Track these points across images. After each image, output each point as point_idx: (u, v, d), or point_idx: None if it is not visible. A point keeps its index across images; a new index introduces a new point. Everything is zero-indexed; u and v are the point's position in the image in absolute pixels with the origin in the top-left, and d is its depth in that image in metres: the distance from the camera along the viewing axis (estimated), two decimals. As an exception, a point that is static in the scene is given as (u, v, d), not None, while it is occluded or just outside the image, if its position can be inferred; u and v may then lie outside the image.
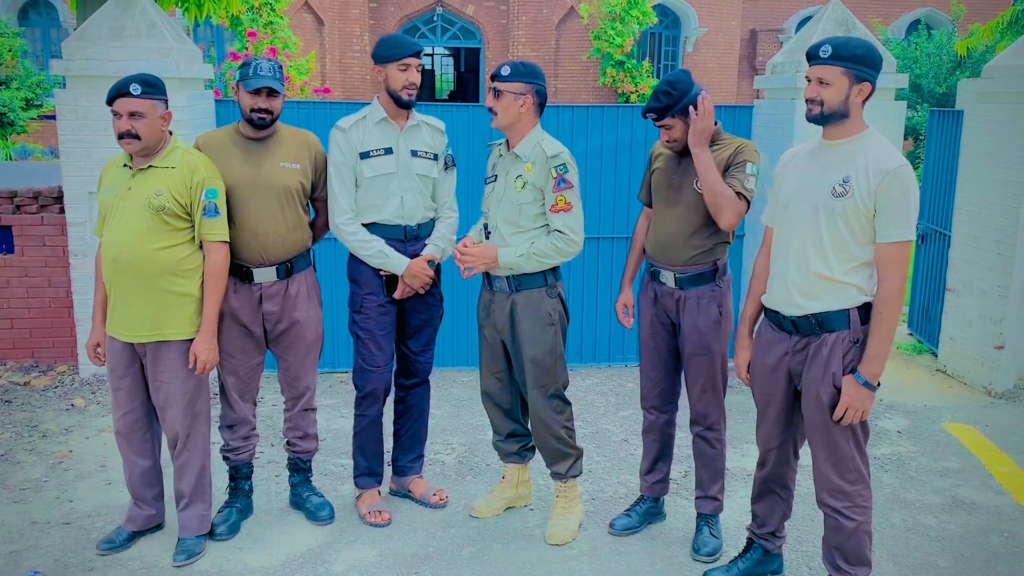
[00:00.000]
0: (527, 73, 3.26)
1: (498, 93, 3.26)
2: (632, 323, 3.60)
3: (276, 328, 3.44)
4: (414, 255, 3.48)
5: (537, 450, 3.58)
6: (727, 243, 3.32)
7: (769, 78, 5.51)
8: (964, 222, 5.57)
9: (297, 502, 3.72)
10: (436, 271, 3.58)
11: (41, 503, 3.75)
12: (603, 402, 5.11)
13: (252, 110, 3.26)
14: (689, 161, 3.24)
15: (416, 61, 3.42)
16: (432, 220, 3.58)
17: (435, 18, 18.59)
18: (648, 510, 3.63)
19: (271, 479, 4.00)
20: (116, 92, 3.05)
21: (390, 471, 3.88)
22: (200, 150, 3.31)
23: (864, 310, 2.72)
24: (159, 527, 3.49)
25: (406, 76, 3.39)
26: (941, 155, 6.15)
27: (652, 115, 3.19)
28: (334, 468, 4.14)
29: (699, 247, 3.25)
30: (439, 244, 3.55)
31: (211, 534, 3.44)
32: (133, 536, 3.40)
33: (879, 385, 2.70)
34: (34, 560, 3.30)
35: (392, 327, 3.56)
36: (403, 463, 3.81)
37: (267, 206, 3.32)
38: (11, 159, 12.57)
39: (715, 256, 3.28)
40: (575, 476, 3.54)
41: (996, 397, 5.28)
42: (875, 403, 2.75)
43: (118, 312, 3.17)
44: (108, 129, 3.36)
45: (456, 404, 5.04)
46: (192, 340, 3.20)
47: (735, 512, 3.72)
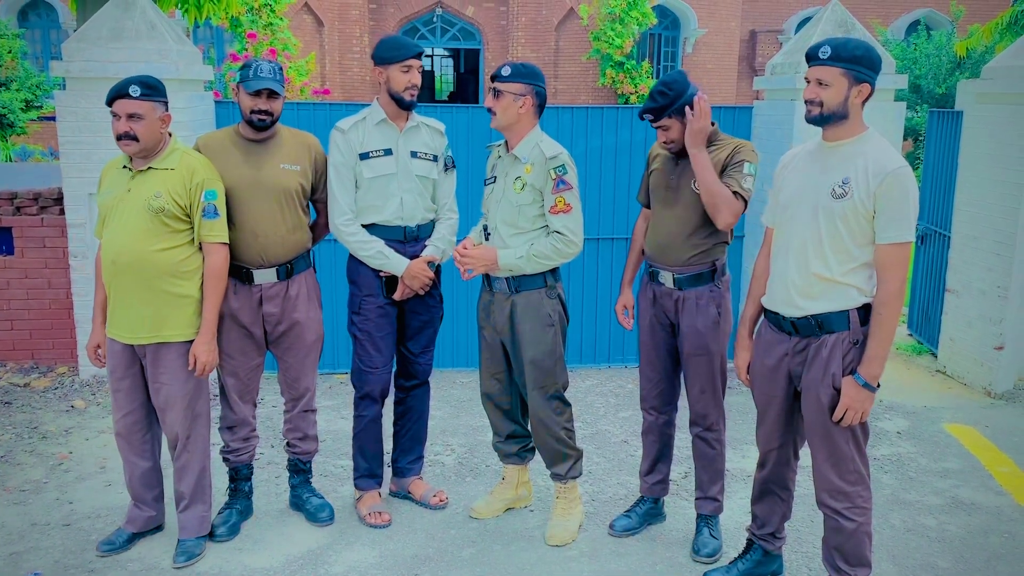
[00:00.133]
0: (527, 74, 3.27)
1: (498, 94, 3.26)
2: (632, 324, 3.60)
3: (276, 329, 3.44)
4: (414, 256, 3.48)
5: (537, 451, 3.59)
6: (726, 243, 3.32)
7: (768, 79, 5.51)
8: (964, 223, 5.57)
9: (297, 503, 3.72)
10: (436, 272, 3.58)
11: (41, 504, 3.75)
12: (603, 403, 5.11)
13: (252, 111, 3.26)
14: (687, 162, 3.24)
15: (418, 63, 3.42)
16: (432, 221, 3.58)
17: (435, 19, 18.61)
18: (648, 511, 3.63)
19: (271, 480, 4.00)
20: (115, 94, 3.05)
21: (390, 472, 3.88)
22: (200, 151, 3.32)
23: (864, 311, 2.72)
24: (159, 528, 3.49)
25: (408, 78, 3.39)
26: (940, 156, 6.15)
27: (649, 116, 3.19)
28: (334, 469, 4.14)
29: (697, 247, 3.25)
30: (439, 245, 3.55)
31: (211, 535, 3.44)
32: (133, 537, 3.41)
33: (879, 386, 2.70)
34: (34, 561, 3.30)
35: (391, 329, 3.56)
36: (403, 464, 3.81)
37: (267, 207, 3.32)
38: (11, 160, 12.57)
39: (714, 256, 3.28)
40: (575, 477, 3.54)
41: (996, 398, 5.28)
42: (875, 404, 2.75)
43: (118, 314, 3.17)
44: (108, 131, 3.36)
45: (456, 405, 5.04)
46: (192, 341, 3.20)
47: (735, 513, 3.72)
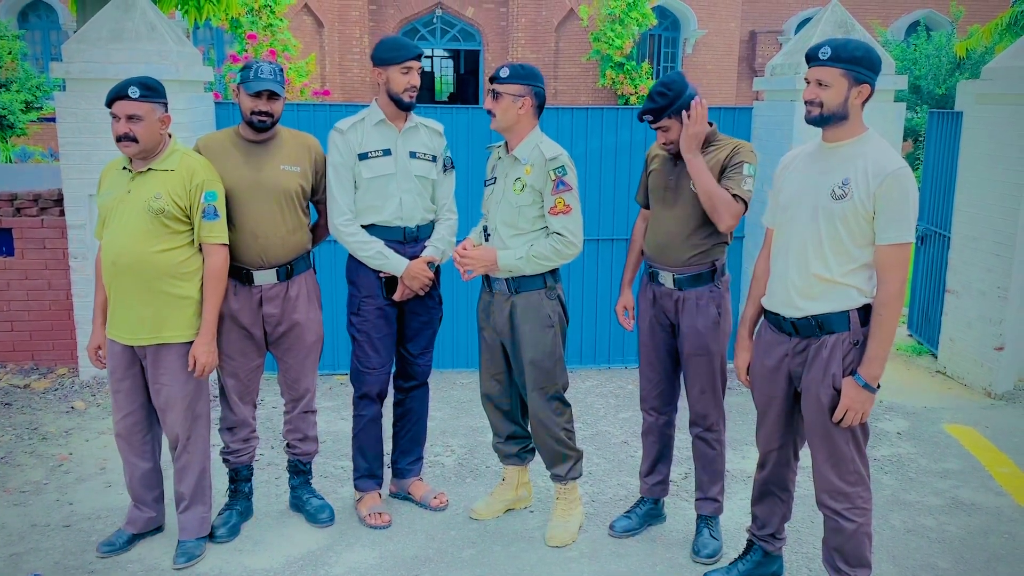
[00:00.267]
0: (526, 75, 3.27)
1: (497, 95, 3.26)
2: (632, 325, 3.60)
3: (276, 330, 3.44)
4: (413, 257, 3.48)
5: (537, 452, 3.58)
6: (725, 244, 3.32)
7: (768, 80, 5.51)
8: (963, 223, 5.57)
9: (297, 504, 3.72)
10: (435, 273, 3.58)
11: (41, 506, 3.75)
12: (603, 404, 5.11)
13: (253, 113, 3.26)
14: (685, 162, 3.24)
15: (417, 64, 3.42)
16: (431, 222, 3.58)
17: (435, 20, 18.61)
18: (648, 512, 3.63)
19: (271, 481, 4.00)
20: (115, 95, 3.05)
21: (390, 474, 3.88)
22: (200, 152, 3.32)
23: (864, 312, 2.72)
24: (159, 529, 3.49)
25: (407, 79, 3.39)
26: (940, 156, 6.15)
27: (648, 117, 3.18)
28: (334, 470, 4.13)
29: (697, 248, 3.25)
30: (438, 246, 3.55)
31: (211, 536, 3.44)
32: (133, 539, 3.41)
33: (879, 387, 2.70)
34: (34, 563, 3.30)
35: (390, 330, 3.56)
36: (402, 465, 3.81)
37: (267, 208, 3.32)
38: (11, 162, 12.57)
39: (713, 257, 3.28)
40: (575, 478, 3.54)
41: (996, 398, 5.28)
42: (875, 404, 2.75)
43: (118, 315, 3.17)
44: (108, 132, 3.36)
45: (456, 406, 5.04)
46: (192, 343, 3.20)
47: (735, 514, 3.72)
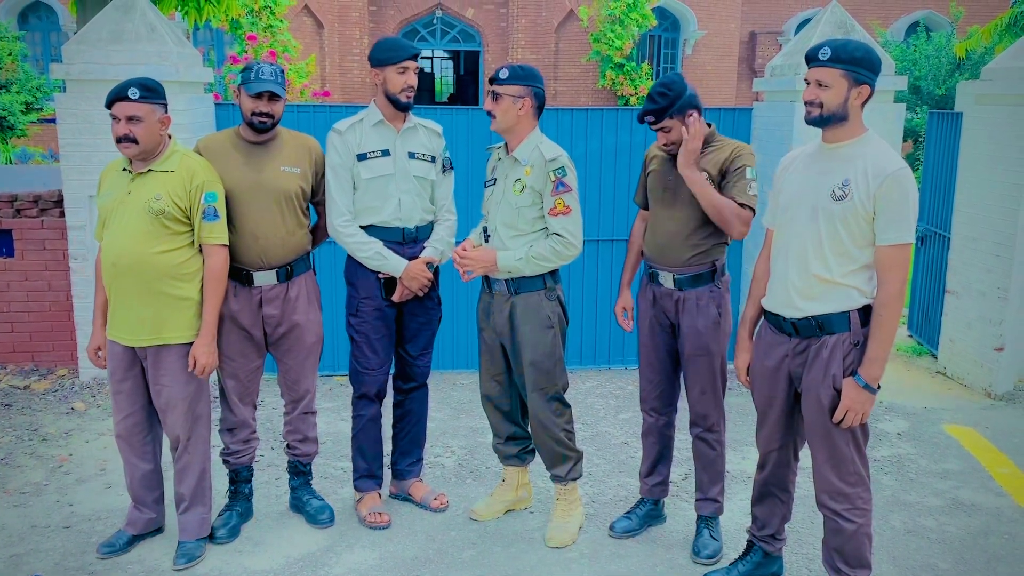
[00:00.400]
0: (525, 76, 3.27)
1: (496, 96, 3.26)
2: (631, 326, 3.60)
3: (276, 331, 3.44)
4: (412, 258, 3.48)
5: (537, 453, 3.58)
6: (725, 244, 3.32)
7: (768, 80, 5.51)
8: (963, 224, 5.57)
9: (297, 505, 3.72)
10: (434, 274, 3.58)
11: (41, 507, 3.75)
12: (603, 405, 5.11)
13: (253, 114, 3.26)
14: None
15: (414, 64, 3.42)
16: (430, 223, 3.58)
17: (435, 21, 18.62)
18: (648, 512, 3.63)
19: (271, 482, 4.00)
20: (115, 96, 3.05)
21: (390, 475, 3.88)
22: (201, 153, 3.32)
23: (864, 312, 2.72)
24: (159, 531, 3.49)
25: (404, 79, 3.39)
26: (940, 157, 6.16)
27: (650, 118, 3.18)
28: (334, 471, 4.13)
29: (697, 248, 3.25)
30: (437, 247, 3.55)
31: (211, 537, 3.44)
32: (133, 540, 3.41)
33: (879, 387, 2.70)
34: (35, 564, 3.30)
35: (389, 331, 3.56)
36: (402, 467, 3.81)
37: (267, 210, 3.33)
38: (11, 163, 12.57)
39: (713, 257, 3.28)
40: (575, 479, 3.54)
41: (996, 399, 5.28)
42: (875, 405, 2.75)
43: (118, 316, 3.17)
44: (108, 133, 3.36)
45: (456, 407, 5.04)
46: (192, 343, 3.20)
47: (735, 514, 3.72)
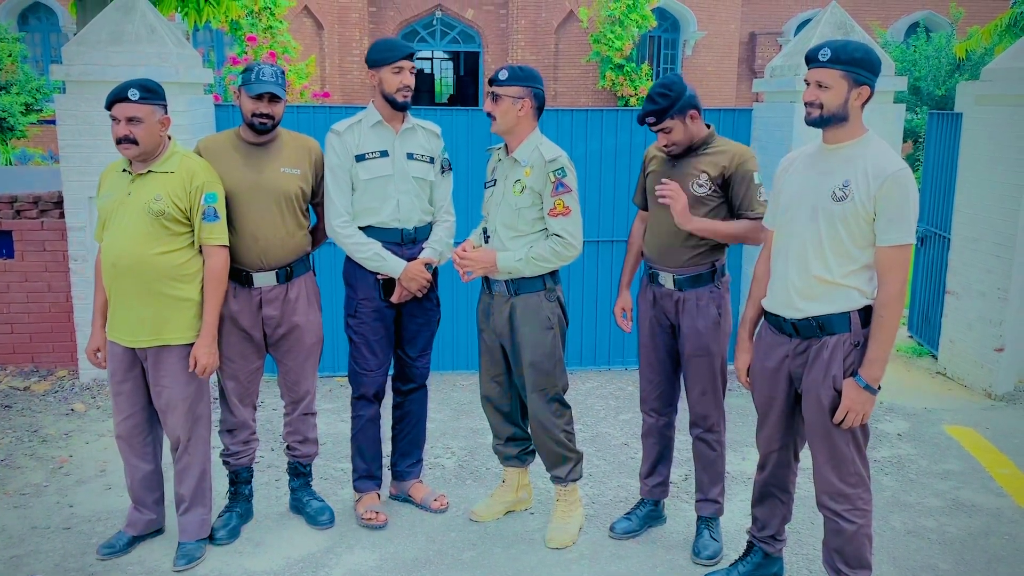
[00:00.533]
0: (525, 77, 3.27)
1: (496, 97, 3.26)
2: (631, 327, 3.60)
3: (276, 332, 3.44)
4: (411, 259, 3.47)
5: (537, 454, 3.58)
6: (725, 245, 3.32)
7: (768, 81, 5.51)
8: (963, 224, 5.57)
9: (297, 506, 3.72)
10: (433, 275, 3.58)
11: (41, 508, 3.75)
12: (603, 405, 5.11)
13: (254, 115, 3.26)
14: (683, 163, 3.24)
15: (409, 64, 3.42)
16: (429, 224, 3.58)
17: (434, 22, 18.62)
18: (648, 513, 3.63)
19: (271, 483, 4.00)
20: (115, 97, 3.05)
21: (390, 476, 3.88)
22: (201, 154, 3.32)
23: (865, 313, 2.71)
24: (159, 532, 3.49)
25: (400, 79, 3.39)
26: (940, 158, 6.15)
27: (651, 119, 3.17)
28: (334, 472, 4.13)
29: (697, 248, 3.25)
30: (436, 248, 3.54)
31: (211, 538, 3.44)
32: (133, 541, 3.41)
33: (880, 388, 2.69)
34: (35, 565, 3.30)
35: (388, 332, 3.56)
36: (402, 468, 3.81)
37: (267, 211, 3.33)
38: (11, 164, 12.58)
39: (713, 257, 3.28)
40: (575, 480, 3.54)
41: (996, 399, 5.28)
42: (875, 406, 2.75)
43: (118, 317, 3.17)
44: (108, 134, 3.36)
45: (456, 408, 5.04)
46: (192, 344, 3.20)
47: (735, 515, 3.72)
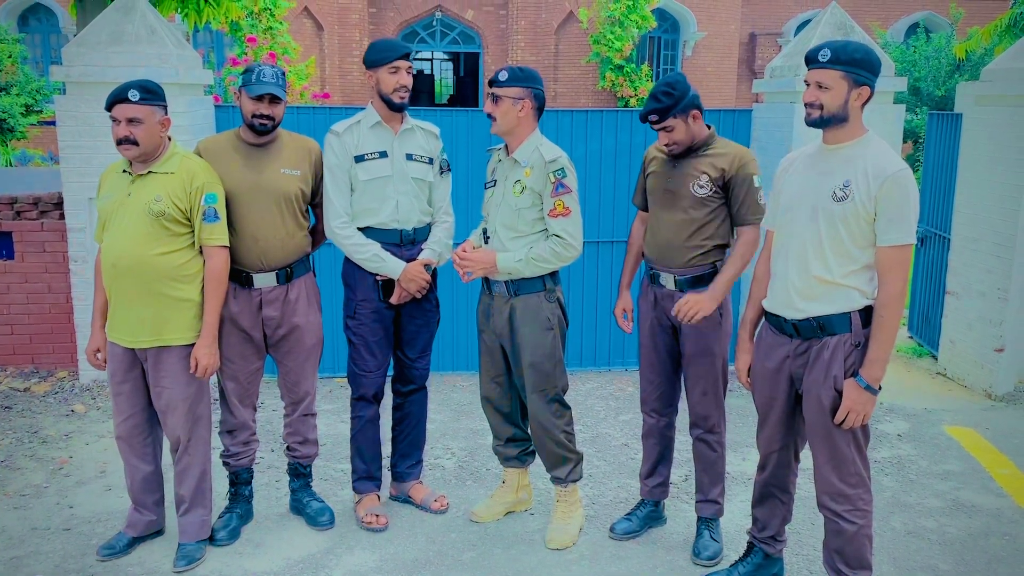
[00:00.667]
0: (525, 78, 3.27)
1: (496, 98, 3.26)
2: (631, 327, 3.60)
3: (276, 333, 3.44)
4: (410, 260, 3.47)
5: (537, 455, 3.58)
6: (726, 245, 3.32)
7: (768, 82, 5.51)
8: (963, 225, 5.57)
9: (297, 507, 3.72)
10: (432, 276, 3.58)
11: (41, 509, 3.75)
12: (603, 406, 5.11)
13: (254, 116, 3.27)
14: (684, 164, 3.24)
15: (406, 63, 3.42)
16: (428, 225, 3.58)
17: (434, 23, 18.62)
18: (648, 514, 3.63)
19: (271, 484, 4.00)
20: (115, 98, 3.06)
21: (390, 477, 3.87)
22: (201, 155, 3.32)
23: (865, 313, 2.71)
24: (159, 533, 3.49)
25: (396, 79, 3.39)
26: (940, 158, 6.16)
27: (654, 117, 3.17)
28: (334, 473, 4.13)
29: (697, 249, 3.25)
30: (435, 248, 3.54)
31: (211, 539, 3.43)
32: (133, 542, 3.40)
33: (880, 388, 2.69)
34: (35, 566, 3.30)
35: (387, 333, 3.56)
36: (401, 469, 3.81)
37: (267, 212, 3.33)
38: (11, 165, 12.58)
39: (714, 258, 3.28)
40: (575, 480, 3.54)
41: (996, 400, 5.28)
42: (875, 406, 2.75)
43: (118, 317, 3.17)
44: (108, 135, 3.37)
45: (456, 409, 5.04)
46: (193, 345, 3.20)
47: (736, 516, 3.72)
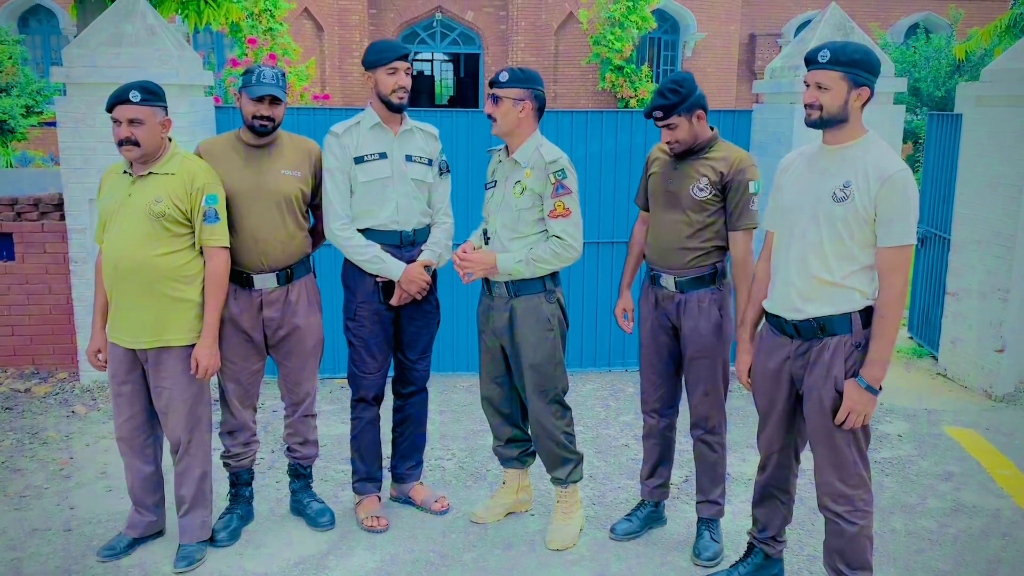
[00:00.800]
0: (525, 79, 3.27)
1: (497, 99, 3.26)
2: (632, 328, 3.60)
3: (276, 334, 3.44)
4: (410, 261, 3.47)
5: (537, 455, 3.58)
6: (726, 247, 3.32)
7: (768, 83, 5.51)
8: (963, 225, 5.57)
9: (298, 508, 3.72)
10: (432, 277, 3.58)
11: (42, 510, 3.75)
12: (603, 407, 5.11)
13: (254, 117, 3.27)
14: (685, 165, 3.24)
15: (404, 64, 3.41)
16: (428, 226, 3.58)
17: (434, 24, 18.63)
18: (649, 515, 3.63)
19: (272, 485, 4.00)
20: (115, 99, 3.06)
21: (390, 478, 3.87)
22: (201, 156, 3.32)
23: (866, 314, 2.71)
24: (160, 534, 3.49)
25: (395, 80, 3.39)
26: (940, 159, 6.16)
27: (659, 113, 3.16)
28: (335, 474, 4.13)
29: (698, 250, 3.25)
30: (435, 250, 3.54)
31: (212, 540, 3.43)
32: (134, 543, 3.40)
33: (881, 389, 2.69)
34: (35, 567, 3.30)
35: (387, 335, 3.56)
36: (402, 470, 3.81)
37: (267, 213, 3.33)
38: (11, 166, 12.58)
39: (715, 259, 3.28)
40: (575, 481, 3.54)
41: (996, 400, 5.28)
42: (876, 407, 2.75)
43: (119, 318, 3.17)
44: (108, 136, 3.37)
45: (456, 410, 5.04)
46: (193, 346, 3.20)
47: (736, 517, 3.72)
